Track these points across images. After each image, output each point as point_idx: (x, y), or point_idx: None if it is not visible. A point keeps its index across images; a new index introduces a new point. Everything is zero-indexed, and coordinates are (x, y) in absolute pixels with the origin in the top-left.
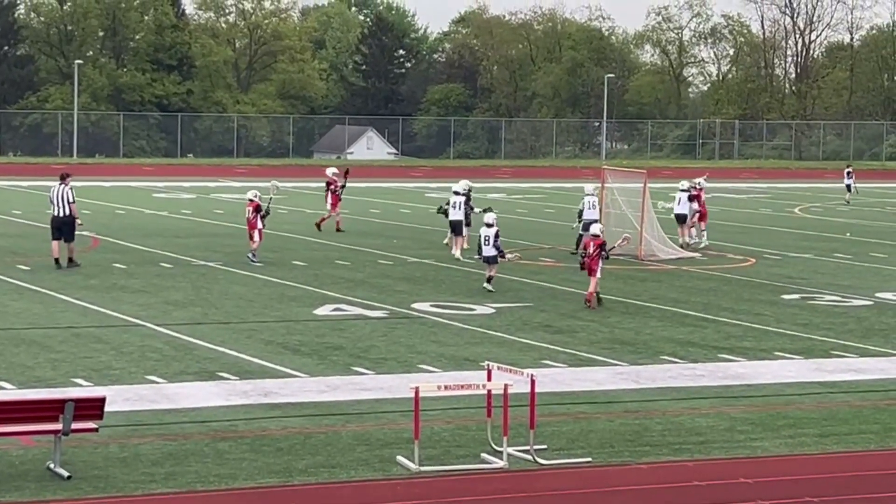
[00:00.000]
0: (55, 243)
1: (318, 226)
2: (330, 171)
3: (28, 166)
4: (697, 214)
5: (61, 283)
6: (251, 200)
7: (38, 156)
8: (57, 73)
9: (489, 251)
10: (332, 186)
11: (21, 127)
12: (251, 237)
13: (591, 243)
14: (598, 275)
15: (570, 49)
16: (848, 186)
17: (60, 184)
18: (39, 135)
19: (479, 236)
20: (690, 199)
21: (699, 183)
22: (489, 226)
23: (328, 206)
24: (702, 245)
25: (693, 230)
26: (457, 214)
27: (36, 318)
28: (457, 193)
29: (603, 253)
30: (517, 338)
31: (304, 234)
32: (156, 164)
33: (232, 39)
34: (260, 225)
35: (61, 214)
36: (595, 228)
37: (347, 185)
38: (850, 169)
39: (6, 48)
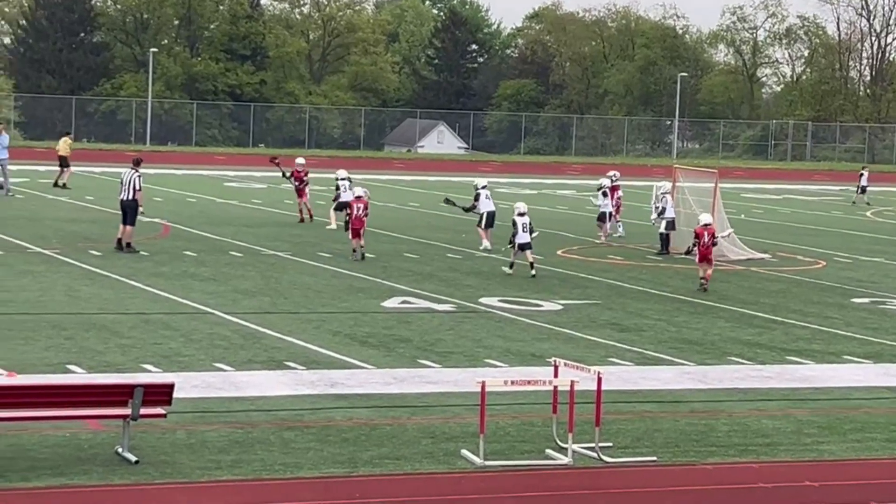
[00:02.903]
0: (121, 226)
1: (311, 218)
2: (298, 161)
3: (101, 153)
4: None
5: (132, 270)
6: (359, 197)
7: (111, 143)
8: (132, 60)
9: (525, 238)
10: (300, 178)
11: (95, 114)
12: (359, 235)
13: (705, 232)
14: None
15: (643, 47)
16: (863, 189)
17: (131, 169)
18: (113, 122)
19: (516, 225)
20: (605, 195)
21: (615, 175)
22: (522, 214)
23: (303, 199)
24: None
25: (618, 224)
26: (491, 206)
27: (106, 303)
28: (485, 187)
29: (713, 241)
30: (584, 335)
31: (374, 227)
32: (228, 154)
33: (306, 31)
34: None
35: (125, 198)
36: (706, 217)
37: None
38: (864, 171)
39: (82, 35)
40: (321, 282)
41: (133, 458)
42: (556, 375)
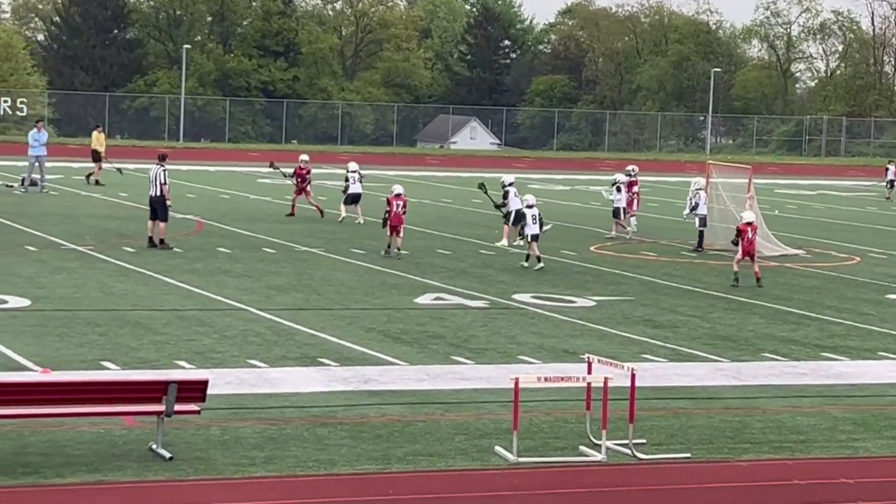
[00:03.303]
0: (150, 222)
1: (321, 213)
2: (302, 158)
3: (135, 149)
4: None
5: (166, 266)
6: (398, 195)
7: (144, 139)
8: (165, 57)
9: (535, 230)
10: (302, 175)
11: (129, 110)
12: (397, 232)
13: (749, 228)
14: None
15: (676, 42)
16: (891, 183)
17: (157, 164)
18: (147, 118)
19: (526, 216)
20: (619, 190)
21: (633, 170)
22: (531, 206)
23: (307, 196)
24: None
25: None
26: (519, 203)
27: (140, 299)
28: (511, 184)
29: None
30: (618, 331)
31: (407, 223)
32: (261, 150)
33: (338, 27)
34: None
35: (154, 194)
36: (749, 215)
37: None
38: (891, 165)
39: (116, 31)
40: (354, 278)
41: (167, 455)
42: (589, 372)
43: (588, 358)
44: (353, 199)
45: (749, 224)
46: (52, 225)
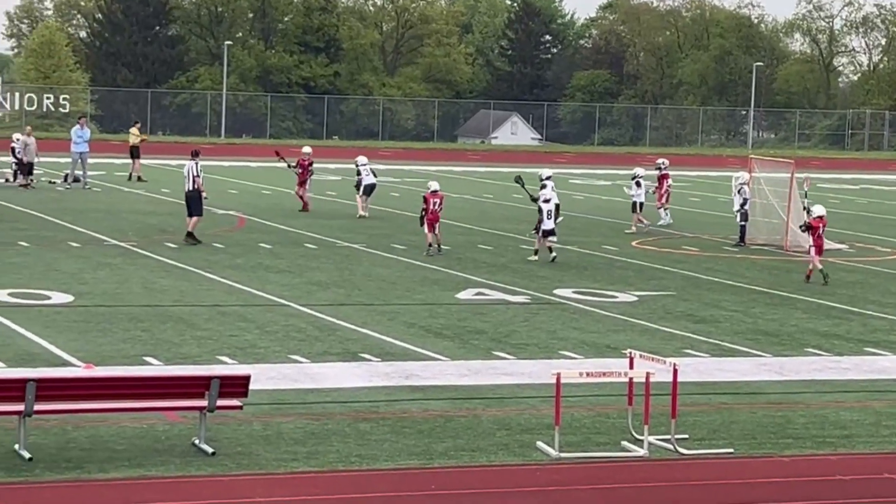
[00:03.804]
0: (188, 218)
1: (306, 208)
2: (304, 150)
3: (177, 145)
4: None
5: (208, 262)
6: (435, 192)
7: (186, 135)
8: (206, 53)
9: (550, 224)
10: (305, 167)
11: (171, 107)
12: (434, 229)
13: (820, 224)
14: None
15: (718, 37)
16: None
17: (191, 160)
18: (188, 115)
19: (542, 211)
20: (638, 184)
21: (664, 163)
22: (547, 201)
23: (301, 188)
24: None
25: (664, 212)
26: (556, 198)
27: (182, 295)
28: (549, 178)
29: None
30: (659, 326)
31: (448, 219)
32: (302, 146)
33: (379, 22)
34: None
35: (188, 189)
36: (820, 209)
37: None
38: None
39: (157, 28)
40: (395, 273)
41: (210, 450)
42: (631, 367)
43: (630, 353)
44: (368, 191)
45: (820, 218)
46: (94, 221)
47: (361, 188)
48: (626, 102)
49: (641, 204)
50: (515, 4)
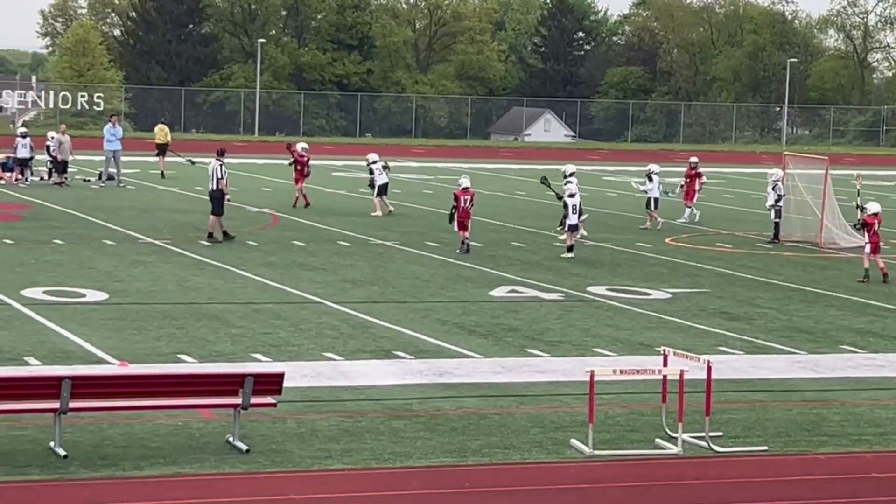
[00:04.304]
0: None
1: (294, 205)
2: (300, 146)
3: (211, 143)
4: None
5: (241, 260)
6: (466, 189)
7: (220, 133)
8: (240, 51)
9: (574, 220)
10: (303, 163)
11: (204, 104)
12: (465, 227)
13: (876, 221)
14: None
15: (751, 33)
16: None
17: (215, 159)
18: (222, 112)
19: (567, 206)
20: (650, 179)
21: (695, 162)
22: (573, 196)
23: (297, 183)
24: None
25: (688, 209)
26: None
27: (217, 293)
28: (573, 174)
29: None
30: (693, 324)
31: (481, 216)
32: (335, 143)
33: (412, 20)
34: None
35: (213, 188)
36: (875, 206)
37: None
38: None
39: (191, 26)
40: (429, 271)
41: (244, 447)
42: (665, 364)
43: (664, 350)
44: (382, 191)
45: (875, 215)
46: (129, 219)
47: (376, 188)
48: (660, 99)
49: (656, 199)
50: (549, 1)
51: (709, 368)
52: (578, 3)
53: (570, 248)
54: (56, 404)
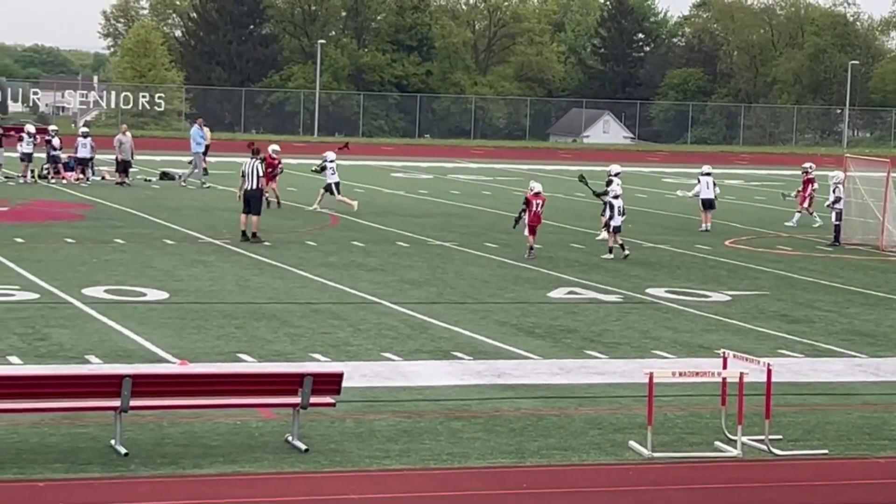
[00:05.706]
0: (243, 216)
1: (268, 206)
2: (271, 148)
3: (270, 144)
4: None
5: (300, 260)
6: (537, 193)
7: (279, 134)
8: (300, 52)
9: (618, 221)
10: (273, 165)
11: (264, 105)
12: (535, 231)
13: None
14: None
15: (813, 35)
16: None
17: (252, 158)
18: (281, 113)
19: (613, 207)
20: (698, 181)
21: (811, 167)
22: (617, 197)
23: (271, 182)
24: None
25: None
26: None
27: (276, 292)
28: (618, 174)
29: None
30: (753, 326)
31: None
32: (394, 144)
33: (471, 21)
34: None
35: (249, 188)
36: None
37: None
38: None
39: (252, 27)
40: (487, 272)
41: (303, 447)
42: (724, 367)
43: (723, 353)
44: (334, 189)
45: None
46: (189, 218)
47: (332, 188)
48: (720, 101)
49: (711, 201)
50: (608, 3)
51: (769, 371)
52: (638, 5)
53: (611, 250)
54: (117, 402)
